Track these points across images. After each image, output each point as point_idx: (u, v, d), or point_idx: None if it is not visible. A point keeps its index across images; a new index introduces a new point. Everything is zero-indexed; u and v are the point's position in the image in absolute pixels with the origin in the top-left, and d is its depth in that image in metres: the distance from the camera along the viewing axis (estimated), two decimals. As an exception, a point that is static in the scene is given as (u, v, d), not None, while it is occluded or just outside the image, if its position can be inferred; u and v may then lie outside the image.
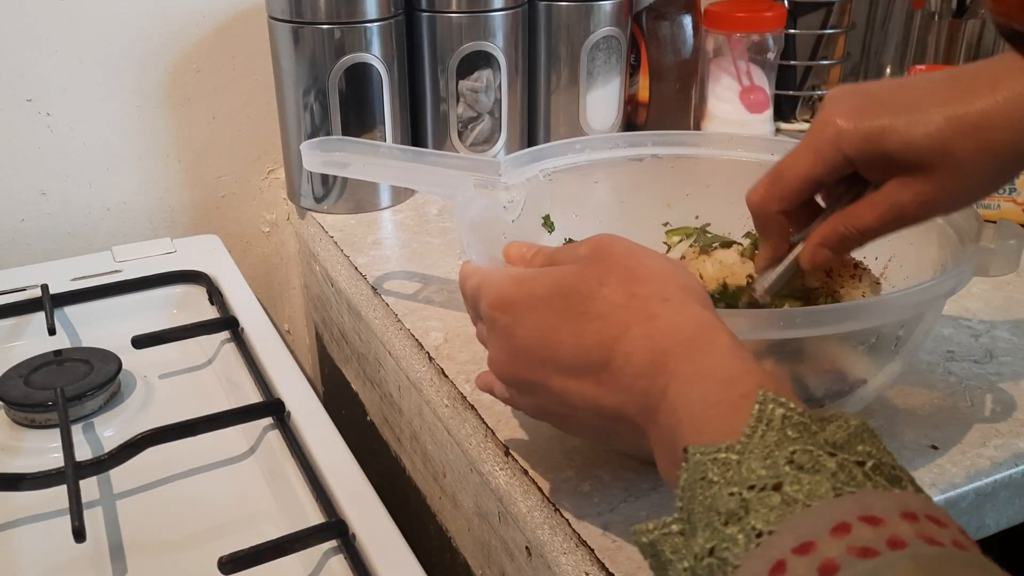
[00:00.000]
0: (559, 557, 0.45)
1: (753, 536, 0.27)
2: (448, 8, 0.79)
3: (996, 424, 0.52)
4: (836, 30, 1.01)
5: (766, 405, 0.30)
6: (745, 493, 0.28)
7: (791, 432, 0.29)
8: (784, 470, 0.28)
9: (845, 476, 0.28)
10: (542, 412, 0.42)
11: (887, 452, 0.30)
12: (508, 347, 0.40)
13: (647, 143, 0.63)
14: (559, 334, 0.38)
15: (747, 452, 0.29)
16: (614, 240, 0.41)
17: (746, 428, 0.30)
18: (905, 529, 0.25)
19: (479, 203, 0.56)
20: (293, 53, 0.76)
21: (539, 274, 0.40)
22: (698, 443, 0.31)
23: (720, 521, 0.28)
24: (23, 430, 0.63)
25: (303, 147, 0.60)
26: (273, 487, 0.58)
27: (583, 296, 0.38)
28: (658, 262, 0.39)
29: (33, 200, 0.85)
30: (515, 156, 0.59)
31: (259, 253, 0.97)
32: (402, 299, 0.66)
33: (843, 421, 0.30)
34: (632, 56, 0.92)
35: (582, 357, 0.37)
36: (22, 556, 0.53)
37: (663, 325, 0.36)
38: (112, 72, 0.84)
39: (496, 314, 0.41)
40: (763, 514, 0.27)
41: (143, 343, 0.69)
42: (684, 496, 0.30)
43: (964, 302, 0.65)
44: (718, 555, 0.27)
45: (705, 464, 0.30)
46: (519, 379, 0.41)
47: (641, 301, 0.37)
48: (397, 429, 0.68)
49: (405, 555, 0.51)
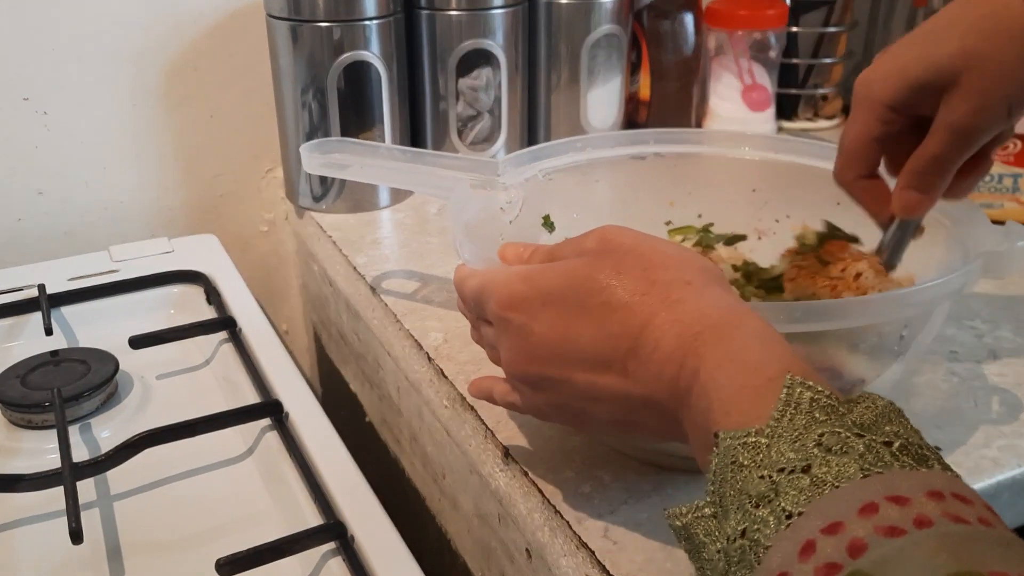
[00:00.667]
0: (559, 559, 0.44)
1: (783, 518, 0.27)
2: (448, 6, 0.79)
3: (999, 425, 0.52)
4: (838, 28, 1.01)
5: (794, 389, 0.31)
6: (775, 476, 0.29)
7: (819, 415, 0.30)
8: (813, 452, 0.29)
9: (872, 457, 0.28)
10: (558, 410, 0.41)
11: (914, 431, 0.30)
12: (524, 346, 0.40)
13: (648, 141, 0.62)
14: (579, 327, 0.38)
15: (776, 436, 0.30)
16: (619, 230, 0.40)
17: (775, 412, 0.30)
18: (931, 508, 0.26)
19: (475, 204, 0.55)
20: (292, 51, 0.76)
21: (547, 269, 0.40)
22: (727, 426, 0.31)
23: (751, 504, 0.29)
24: (20, 431, 0.63)
25: (302, 149, 0.60)
26: (271, 488, 0.58)
27: (602, 287, 0.37)
28: (670, 247, 0.39)
29: (30, 199, 0.84)
30: (514, 156, 0.58)
31: (257, 253, 0.96)
32: (401, 299, 0.66)
33: (870, 402, 0.31)
34: (633, 54, 0.91)
35: (607, 347, 0.37)
36: (19, 557, 0.53)
37: (689, 309, 0.36)
38: (109, 70, 0.83)
39: (508, 314, 0.40)
40: (793, 496, 0.28)
41: (140, 343, 0.68)
42: (716, 480, 0.31)
43: (967, 302, 0.64)
44: (750, 536, 0.28)
45: (735, 448, 0.30)
46: (537, 377, 0.40)
47: (663, 287, 0.37)
48: (396, 430, 0.68)
49: (404, 557, 0.50)
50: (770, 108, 0.96)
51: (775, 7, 0.93)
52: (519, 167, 0.58)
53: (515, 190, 0.57)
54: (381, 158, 0.61)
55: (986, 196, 0.76)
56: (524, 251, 0.45)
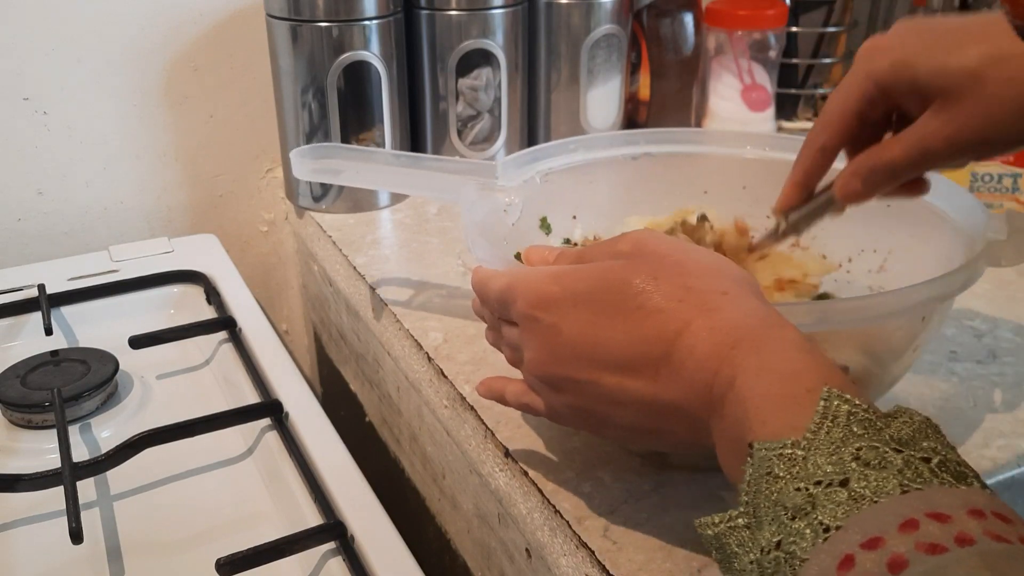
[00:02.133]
0: (559, 559, 0.44)
1: (820, 531, 0.27)
2: (448, 6, 0.79)
3: (999, 425, 0.52)
4: (838, 28, 1.01)
5: (831, 401, 0.30)
6: (812, 488, 0.28)
7: (856, 428, 0.30)
8: (851, 466, 0.28)
9: (912, 473, 0.28)
10: (579, 413, 0.41)
11: (951, 448, 0.30)
12: (551, 346, 0.39)
13: (641, 141, 0.62)
14: (610, 331, 0.37)
15: (813, 448, 0.29)
16: (655, 235, 0.40)
17: (812, 424, 0.30)
18: (973, 526, 0.25)
19: (484, 206, 0.55)
20: (291, 51, 0.76)
21: (579, 270, 0.40)
22: (763, 436, 0.31)
23: (787, 516, 0.28)
24: (20, 431, 0.63)
25: (292, 155, 0.59)
26: (271, 488, 0.58)
27: (637, 291, 0.37)
28: (706, 256, 0.39)
29: (30, 199, 0.84)
30: (511, 158, 0.58)
31: (257, 253, 0.96)
32: (401, 299, 0.66)
33: (908, 417, 0.30)
34: (633, 54, 0.91)
35: (639, 352, 0.37)
36: (19, 558, 0.53)
37: (726, 318, 0.35)
38: (109, 70, 0.83)
39: (538, 313, 0.40)
40: (830, 509, 0.27)
41: (140, 343, 0.68)
42: (750, 491, 0.31)
43: (967, 302, 0.64)
44: (785, 549, 0.28)
45: (771, 459, 0.30)
46: (562, 378, 0.40)
47: (699, 295, 0.36)
48: (396, 430, 0.68)
49: (404, 557, 0.50)
50: (770, 108, 0.96)
51: (775, 7, 0.93)
52: (516, 169, 0.58)
53: (515, 192, 0.57)
54: (374, 163, 0.60)
55: (986, 196, 0.76)
56: (549, 254, 0.45)
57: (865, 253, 0.56)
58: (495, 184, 0.57)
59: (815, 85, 1.03)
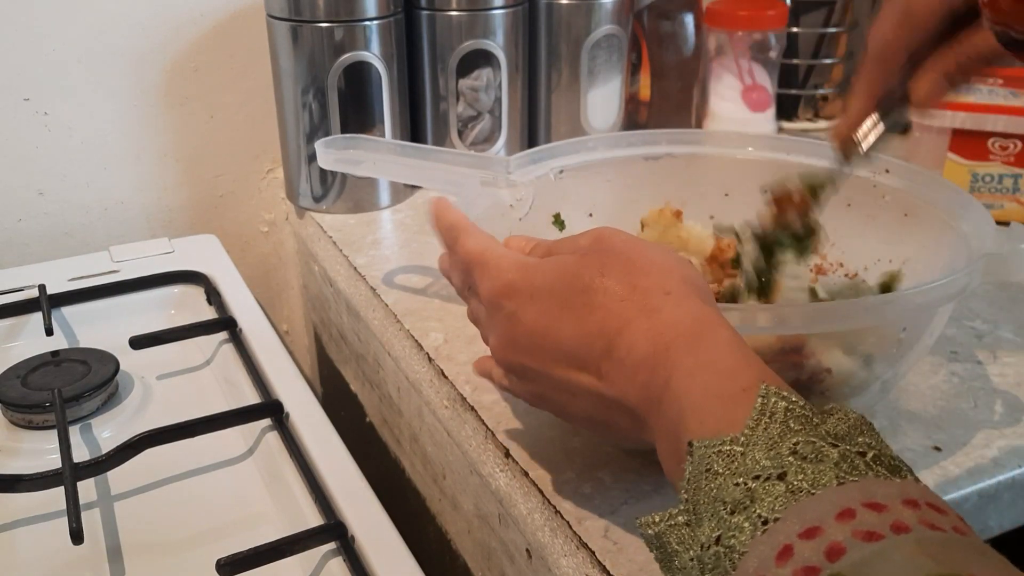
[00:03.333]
0: (560, 559, 0.44)
1: (759, 523, 0.27)
2: (448, 6, 0.79)
3: (1000, 425, 0.52)
4: (838, 29, 1.01)
5: (768, 398, 0.31)
6: (750, 483, 0.29)
7: (793, 424, 0.30)
8: (788, 460, 0.29)
9: (848, 466, 0.28)
10: (541, 399, 0.42)
11: (885, 444, 0.31)
12: (511, 335, 0.41)
13: (662, 141, 0.62)
14: (561, 324, 0.38)
15: (751, 444, 0.30)
16: (614, 232, 0.41)
17: (749, 421, 0.30)
18: (908, 515, 0.26)
19: (484, 200, 0.56)
20: (292, 52, 0.76)
21: (542, 263, 0.41)
22: (701, 434, 0.31)
23: (726, 511, 0.29)
24: (20, 431, 0.63)
25: (318, 145, 0.61)
26: (272, 489, 0.58)
27: (585, 286, 0.38)
28: (659, 254, 0.39)
29: (30, 200, 0.84)
30: (525, 154, 0.59)
31: (257, 253, 0.96)
32: (401, 299, 0.66)
33: (843, 414, 0.31)
34: (633, 55, 0.91)
35: (583, 346, 0.38)
36: (19, 558, 0.53)
37: (665, 319, 0.36)
38: (110, 71, 0.83)
39: (501, 300, 0.41)
40: (768, 502, 0.28)
41: (141, 344, 0.68)
42: (689, 488, 0.31)
43: (967, 302, 0.64)
44: (724, 543, 0.28)
45: (710, 456, 0.30)
46: (520, 366, 0.41)
47: (642, 294, 0.37)
48: (396, 430, 0.68)
49: (404, 557, 0.50)
50: (770, 108, 0.96)
51: (775, 8, 0.93)
52: (529, 165, 0.59)
53: (525, 188, 0.58)
54: (394, 154, 0.62)
55: (986, 196, 0.76)
56: (527, 244, 0.46)
57: (881, 263, 0.56)
58: (507, 179, 0.57)
59: (816, 86, 1.03)
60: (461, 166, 0.59)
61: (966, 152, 0.76)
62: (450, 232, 0.46)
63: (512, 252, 0.43)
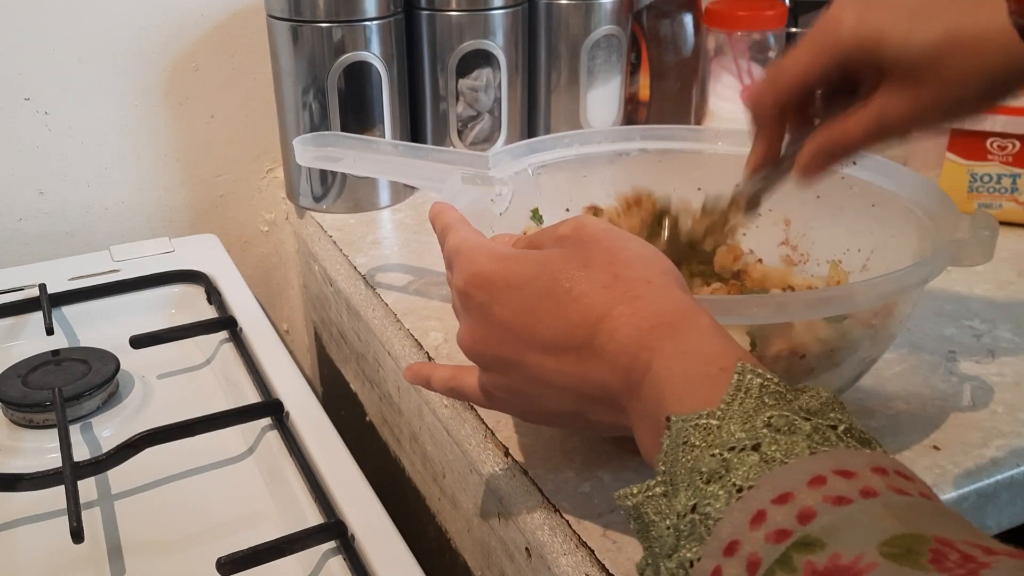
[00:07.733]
0: (559, 558, 0.45)
1: (734, 491, 0.28)
2: (448, 6, 0.79)
3: (998, 424, 0.52)
4: (837, 29, 1.01)
5: (744, 375, 0.32)
6: (726, 454, 0.30)
7: (768, 399, 0.31)
8: (762, 432, 0.30)
9: (819, 437, 0.29)
10: (508, 393, 0.42)
11: (856, 420, 0.32)
12: (483, 324, 0.41)
13: (635, 137, 0.63)
14: (540, 312, 0.39)
15: (727, 417, 0.31)
16: (594, 221, 0.41)
17: (726, 396, 0.32)
18: (876, 481, 0.27)
19: (466, 196, 0.56)
20: (292, 52, 0.76)
21: (521, 255, 0.41)
22: (679, 411, 0.32)
23: (702, 480, 0.29)
24: (21, 430, 0.63)
25: (296, 142, 0.61)
26: (272, 488, 0.58)
27: (567, 276, 0.39)
28: (639, 246, 0.40)
29: (31, 199, 0.84)
30: (505, 150, 0.60)
31: (258, 253, 0.96)
32: (401, 299, 0.66)
33: (815, 392, 0.32)
34: (633, 55, 0.91)
35: (565, 334, 0.38)
36: (20, 557, 0.53)
37: (647, 306, 0.37)
38: (110, 71, 0.83)
39: (471, 290, 0.41)
40: (743, 472, 0.29)
41: (141, 343, 0.68)
42: (667, 460, 0.32)
43: (966, 302, 0.65)
44: (700, 511, 0.29)
45: (687, 430, 0.31)
46: (491, 357, 0.41)
47: (624, 283, 0.38)
48: (396, 430, 0.68)
49: (404, 556, 0.50)
50: (770, 108, 0.96)
51: (774, 8, 0.93)
52: (509, 161, 0.59)
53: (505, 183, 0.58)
54: (374, 152, 0.62)
55: (984, 196, 0.76)
56: (510, 240, 0.46)
57: (850, 252, 0.57)
58: (487, 175, 0.57)
59: (815, 86, 1.04)
60: (441, 162, 0.59)
61: (964, 152, 0.76)
62: (443, 231, 0.46)
63: (490, 243, 0.43)
